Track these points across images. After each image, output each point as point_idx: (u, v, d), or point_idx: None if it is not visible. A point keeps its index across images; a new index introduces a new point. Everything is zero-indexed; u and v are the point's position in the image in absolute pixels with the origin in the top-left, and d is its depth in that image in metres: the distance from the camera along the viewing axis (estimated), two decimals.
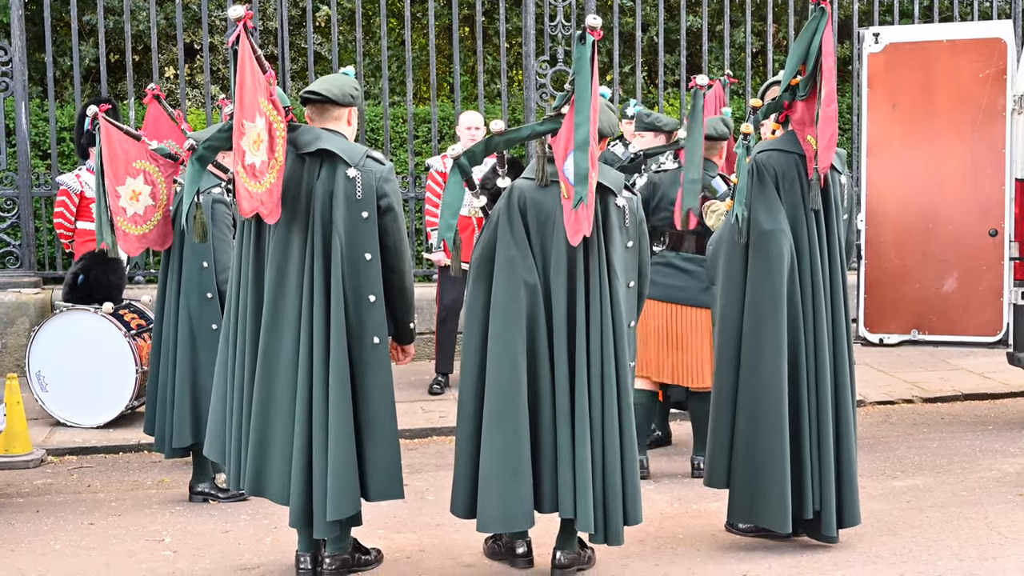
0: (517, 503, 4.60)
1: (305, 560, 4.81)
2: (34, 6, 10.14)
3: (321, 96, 4.70)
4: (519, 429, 4.59)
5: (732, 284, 5.13)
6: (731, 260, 5.13)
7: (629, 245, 4.78)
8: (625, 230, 4.76)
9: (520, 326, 4.63)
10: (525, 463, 4.60)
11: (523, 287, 4.65)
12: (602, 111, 4.72)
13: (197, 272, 5.82)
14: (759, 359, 5.03)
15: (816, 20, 4.96)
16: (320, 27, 11.73)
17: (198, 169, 4.83)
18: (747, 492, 5.08)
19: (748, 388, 5.06)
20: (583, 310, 4.64)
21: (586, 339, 4.63)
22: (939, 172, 7.19)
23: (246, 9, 4.45)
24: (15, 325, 8.77)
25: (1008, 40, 7.02)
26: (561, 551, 4.83)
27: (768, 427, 5.00)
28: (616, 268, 4.69)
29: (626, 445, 4.69)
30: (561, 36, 9.71)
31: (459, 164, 4.71)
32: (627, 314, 4.77)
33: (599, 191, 4.64)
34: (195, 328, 5.84)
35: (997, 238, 7.08)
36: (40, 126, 9.64)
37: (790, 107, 5.09)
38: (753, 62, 10.60)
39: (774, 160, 5.08)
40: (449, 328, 8.34)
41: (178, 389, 5.82)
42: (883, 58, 7.21)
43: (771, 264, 5.01)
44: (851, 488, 5.12)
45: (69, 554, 5.28)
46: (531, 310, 4.66)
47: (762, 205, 5.05)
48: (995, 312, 7.12)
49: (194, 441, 5.82)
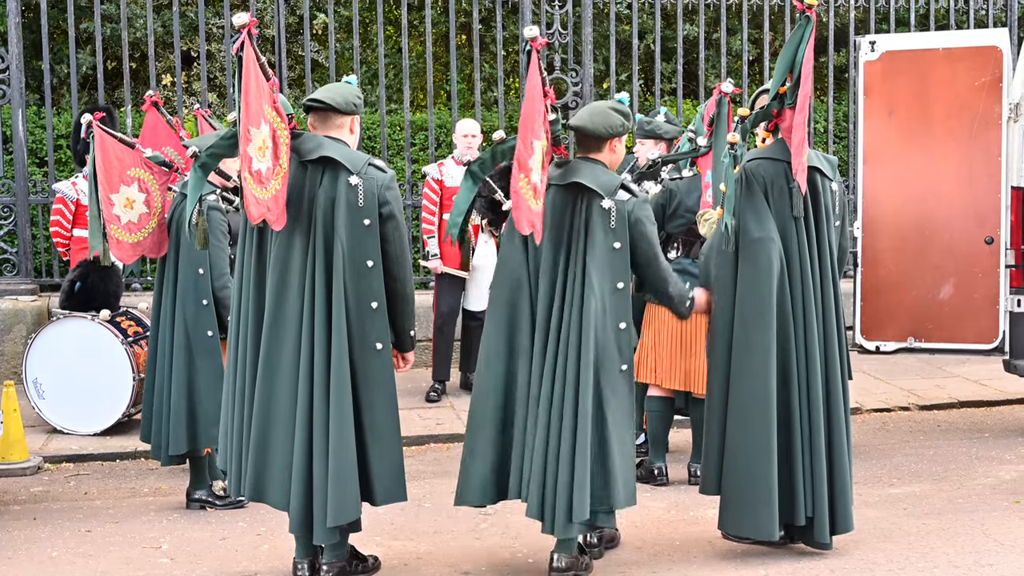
0: (469, 479, 4.90)
1: (303, 567, 4.81)
2: (31, 14, 10.15)
3: (324, 104, 4.71)
4: (487, 414, 4.90)
5: (722, 292, 5.15)
6: (721, 268, 5.15)
7: (616, 247, 4.79)
8: (611, 231, 4.78)
9: (503, 321, 4.87)
10: (483, 445, 4.89)
11: (509, 283, 4.89)
12: (598, 112, 4.89)
13: (193, 279, 5.82)
14: (748, 367, 5.04)
15: (802, 28, 5.00)
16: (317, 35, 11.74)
17: (200, 176, 4.84)
18: (736, 500, 5.08)
19: (737, 396, 5.07)
20: (558, 308, 4.80)
21: (557, 339, 4.78)
22: (935, 180, 7.21)
23: (250, 17, 4.46)
24: (12, 332, 8.77)
25: (1004, 48, 7.05)
26: (559, 554, 4.84)
27: (756, 435, 5.01)
28: (592, 271, 4.76)
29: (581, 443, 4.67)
30: (558, 44, 9.73)
31: (471, 170, 4.96)
32: (612, 315, 4.78)
33: (584, 194, 4.79)
34: (191, 335, 5.83)
35: (993, 246, 7.10)
36: (37, 133, 9.64)
37: (779, 115, 5.12)
38: (749, 70, 10.61)
39: (763, 169, 5.10)
40: (446, 336, 8.34)
41: (174, 396, 5.81)
42: (879, 66, 7.23)
43: (760, 272, 5.03)
44: (844, 495, 5.13)
45: (66, 561, 5.27)
46: (513, 307, 4.86)
47: (751, 213, 5.07)
48: (991, 319, 7.13)
49: (190, 448, 5.82)
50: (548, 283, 4.83)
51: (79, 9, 9.87)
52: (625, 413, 4.81)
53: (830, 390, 5.14)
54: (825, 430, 5.10)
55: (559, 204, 4.84)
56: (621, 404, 4.79)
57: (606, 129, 4.87)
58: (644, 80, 11.71)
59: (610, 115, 4.90)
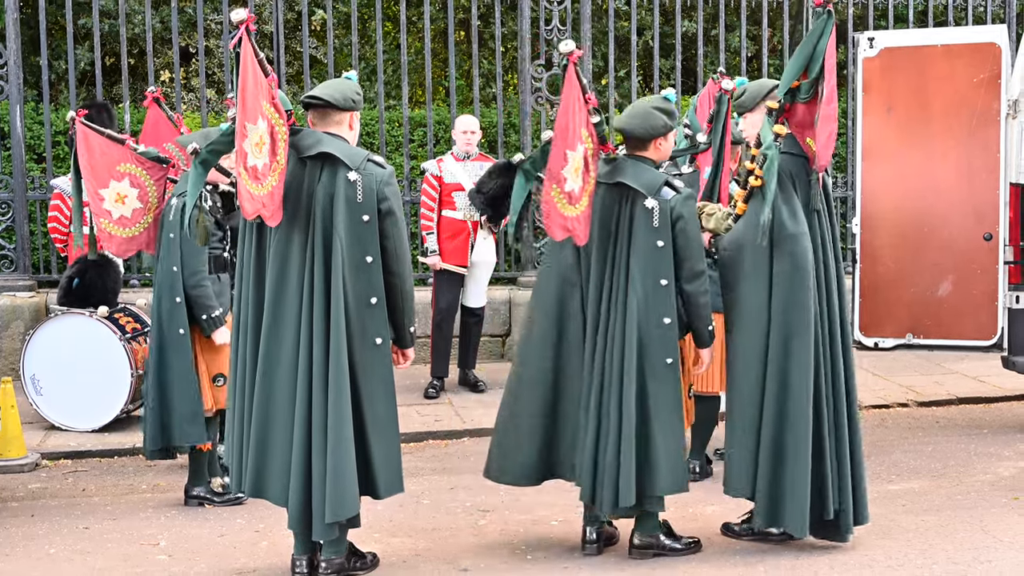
0: (509, 460, 5.16)
1: (301, 564, 4.81)
2: (29, 10, 10.14)
3: (322, 100, 4.71)
4: (535, 403, 5.09)
5: (758, 288, 5.06)
6: (756, 265, 5.05)
7: (659, 244, 4.91)
8: (654, 230, 4.90)
9: (552, 313, 5.06)
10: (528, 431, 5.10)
11: (555, 278, 5.08)
12: (639, 114, 5.02)
13: (169, 276, 5.80)
14: (790, 368, 5.00)
15: (823, 23, 4.97)
16: (316, 31, 11.72)
17: (201, 172, 4.84)
18: (774, 495, 5.06)
19: (780, 394, 5.02)
20: (604, 304, 4.98)
21: (606, 334, 4.96)
22: (934, 176, 7.21)
23: (248, 12, 4.45)
24: (10, 329, 8.76)
25: (1002, 45, 7.04)
26: (637, 532, 5.15)
27: (798, 432, 5.00)
28: (635, 268, 4.90)
29: (627, 433, 4.87)
30: (556, 40, 9.72)
31: (523, 169, 5.09)
32: (656, 311, 4.91)
33: (628, 193, 4.96)
34: (164, 331, 5.81)
35: (992, 242, 7.09)
36: (35, 129, 9.63)
37: (790, 110, 5.10)
38: (748, 66, 10.61)
39: (788, 163, 5.05)
40: (444, 332, 8.33)
41: (149, 392, 5.83)
42: (878, 62, 7.23)
43: (798, 268, 5.00)
44: (861, 486, 5.19)
45: (64, 559, 5.27)
46: (562, 302, 5.06)
47: (787, 208, 5.02)
48: (990, 316, 7.13)
49: (164, 444, 5.83)
50: (597, 278, 5.00)
51: (77, 5, 9.85)
52: (672, 403, 4.95)
53: (848, 383, 5.17)
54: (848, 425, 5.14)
55: (607, 202, 5.00)
56: (667, 395, 4.95)
57: (647, 131, 5.01)
58: (643, 76, 11.69)
59: (652, 116, 5.01)
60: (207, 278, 5.81)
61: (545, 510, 5.83)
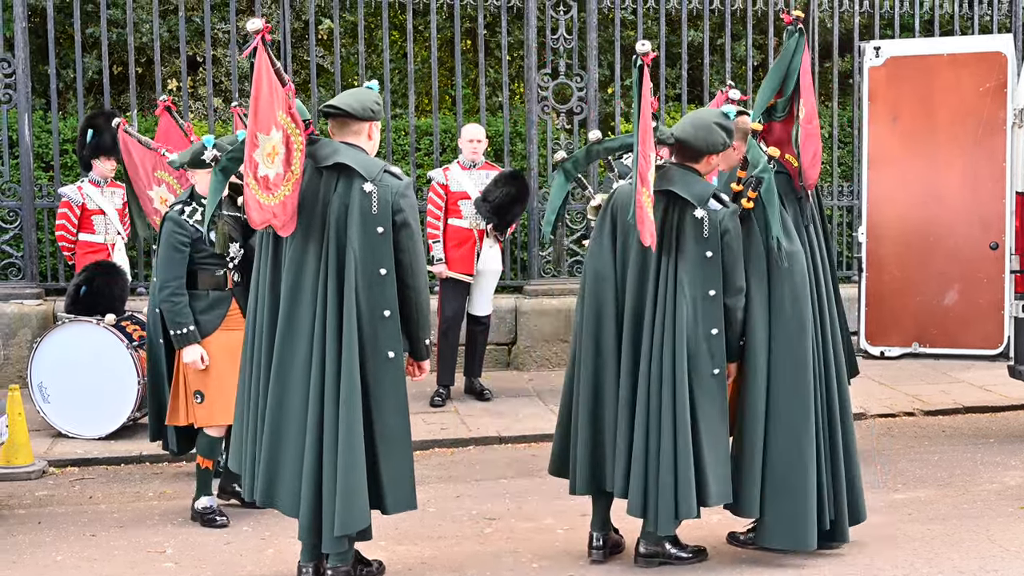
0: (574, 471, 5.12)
1: (307, 571, 4.81)
2: (38, 19, 10.17)
3: (341, 110, 4.70)
4: (585, 412, 5.06)
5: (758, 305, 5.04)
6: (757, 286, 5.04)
7: (708, 255, 4.90)
8: (704, 240, 4.89)
9: (591, 320, 5.03)
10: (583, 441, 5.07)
11: (592, 276, 5.06)
12: (703, 127, 4.99)
13: (155, 286, 5.88)
14: (793, 382, 5.01)
15: (795, 41, 5.05)
16: (322, 40, 11.74)
17: (221, 180, 4.85)
18: (781, 514, 5.05)
19: (784, 411, 5.02)
20: (650, 312, 4.93)
21: (651, 343, 4.91)
22: (940, 185, 7.21)
23: (264, 22, 4.46)
24: (17, 336, 8.78)
25: (1008, 54, 7.04)
26: (644, 542, 5.13)
27: (801, 449, 5.00)
28: (684, 278, 4.89)
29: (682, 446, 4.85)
30: (563, 49, 9.74)
31: (564, 168, 5.13)
32: (704, 322, 4.90)
33: (677, 202, 4.93)
34: (152, 338, 5.99)
35: (998, 251, 7.09)
36: (43, 138, 9.66)
37: (767, 128, 5.17)
38: (754, 76, 10.62)
39: (777, 181, 5.08)
40: (450, 340, 8.34)
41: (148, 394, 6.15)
42: (884, 72, 7.24)
43: (797, 285, 5.03)
44: (855, 487, 5.22)
45: (71, 566, 5.28)
46: (598, 311, 5.03)
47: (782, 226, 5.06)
48: (996, 325, 7.12)
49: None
50: (638, 285, 4.98)
51: (85, 14, 9.89)
52: (718, 414, 4.94)
53: (841, 393, 5.19)
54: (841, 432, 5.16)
55: (654, 208, 4.95)
56: (714, 406, 4.93)
57: (706, 145, 5.00)
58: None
59: (714, 131, 5.00)
60: (179, 293, 5.66)
61: (551, 518, 5.83)
